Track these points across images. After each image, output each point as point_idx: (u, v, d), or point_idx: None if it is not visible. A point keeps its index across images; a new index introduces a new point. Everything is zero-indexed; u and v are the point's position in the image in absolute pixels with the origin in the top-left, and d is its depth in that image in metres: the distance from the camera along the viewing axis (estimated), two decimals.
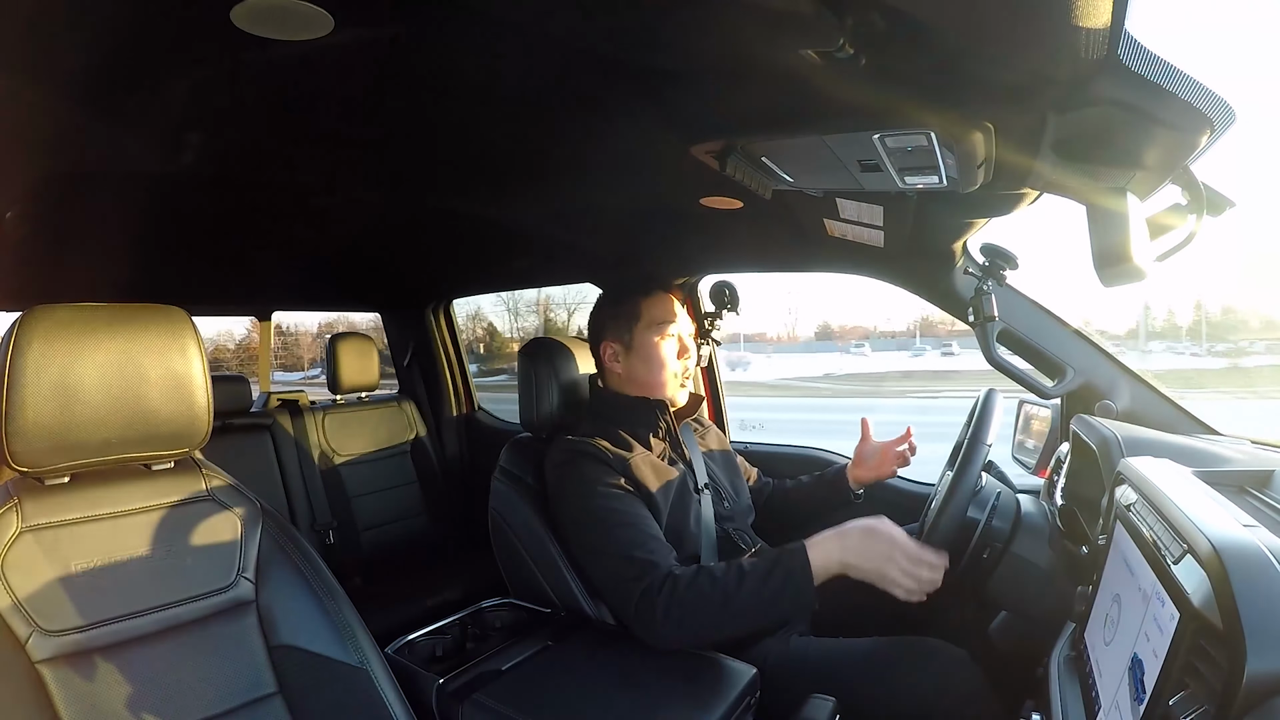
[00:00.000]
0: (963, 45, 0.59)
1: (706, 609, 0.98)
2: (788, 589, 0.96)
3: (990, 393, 1.05)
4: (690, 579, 1.00)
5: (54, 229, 1.43)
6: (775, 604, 0.97)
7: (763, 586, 0.96)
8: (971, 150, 0.76)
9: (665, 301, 1.28)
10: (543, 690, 0.95)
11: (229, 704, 0.81)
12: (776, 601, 0.97)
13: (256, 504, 0.91)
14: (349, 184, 1.31)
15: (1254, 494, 0.72)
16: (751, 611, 0.97)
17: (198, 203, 1.38)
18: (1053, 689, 0.72)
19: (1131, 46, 0.55)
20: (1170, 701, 0.47)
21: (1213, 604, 0.45)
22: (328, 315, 19.50)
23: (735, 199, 1.23)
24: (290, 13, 0.65)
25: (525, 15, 0.67)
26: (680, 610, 0.98)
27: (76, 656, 0.73)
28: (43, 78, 0.79)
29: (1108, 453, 0.92)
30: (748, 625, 1.01)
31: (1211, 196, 0.79)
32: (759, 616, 0.99)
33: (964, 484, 0.94)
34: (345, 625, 0.87)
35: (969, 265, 1.32)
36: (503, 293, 2.72)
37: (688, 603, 0.98)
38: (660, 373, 1.26)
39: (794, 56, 0.64)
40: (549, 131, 1.01)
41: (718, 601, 0.97)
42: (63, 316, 0.75)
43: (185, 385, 0.82)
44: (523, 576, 1.24)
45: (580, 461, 1.15)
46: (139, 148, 1.04)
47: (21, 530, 0.74)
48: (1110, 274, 0.77)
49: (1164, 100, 0.61)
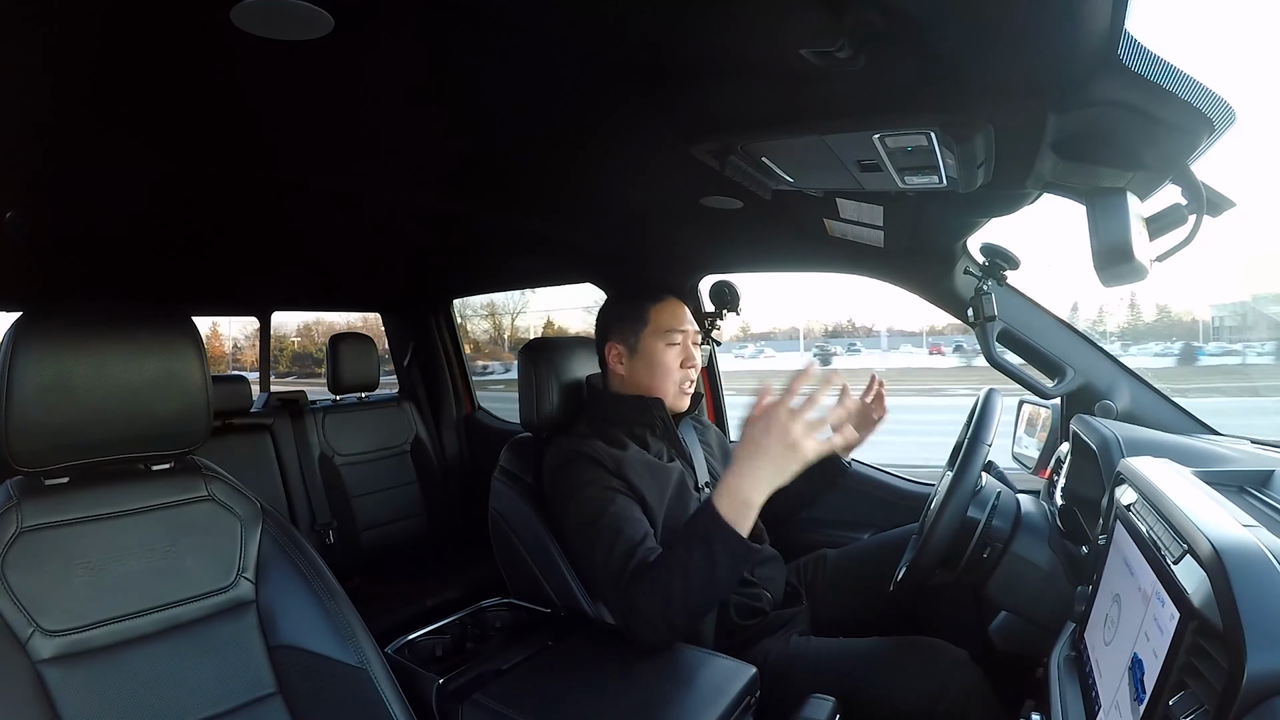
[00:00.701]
0: (963, 45, 0.59)
1: (669, 595, 0.94)
2: (719, 555, 0.91)
3: (990, 393, 1.05)
4: (648, 572, 0.96)
5: (54, 229, 1.43)
6: (719, 568, 0.92)
7: (696, 549, 0.92)
8: (971, 150, 0.76)
9: (675, 309, 1.28)
10: (543, 690, 0.95)
11: (229, 704, 0.81)
12: (718, 566, 0.92)
13: (256, 504, 0.91)
14: (349, 184, 1.31)
15: (1254, 494, 0.72)
16: (704, 585, 0.93)
17: (198, 203, 1.38)
18: (1053, 689, 0.72)
19: (1131, 46, 0.55)
20: (1170, 701, 0.47)
21: (1213, 604, 0.46)
22: (306, 316, 19.48)
23: (735, 199, 1.23)
24: (290, 13, 0.65)
25: (525, 15, 0.67)
26: (650, 603, 0.95)
27: (76, 656, 0.73)
28: (43, 78, 0.79)
29: (1108, 453, 0.92)
30: (709, 598, 0.97)
31: (1211, 196, 0.79)
32: (713, 585, 0.93)
33: (964, 484, 0.94)
34: (345, 625, 0.87)
35: (969, 265, 1.32)
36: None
37: (651, 594, 0.95)
38: (664, 380, 1.26)
39: (794, 56, 0.64)
40: (549, 132, 1.01)
41: (677, 585, 0.93)
42: (62, 317, 0.75)
43: (185, 385, 0.82)
44: (523, 576, 1.24)
45: (575, 462, 1.15)
46: (139, 148, 1.04)
47: (21, 530, 0.74)
48: (1110, 274, 0.77)
49: (1164, 100, 0.61)
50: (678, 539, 0.97)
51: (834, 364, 16.97)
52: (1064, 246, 1.20)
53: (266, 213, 1.51)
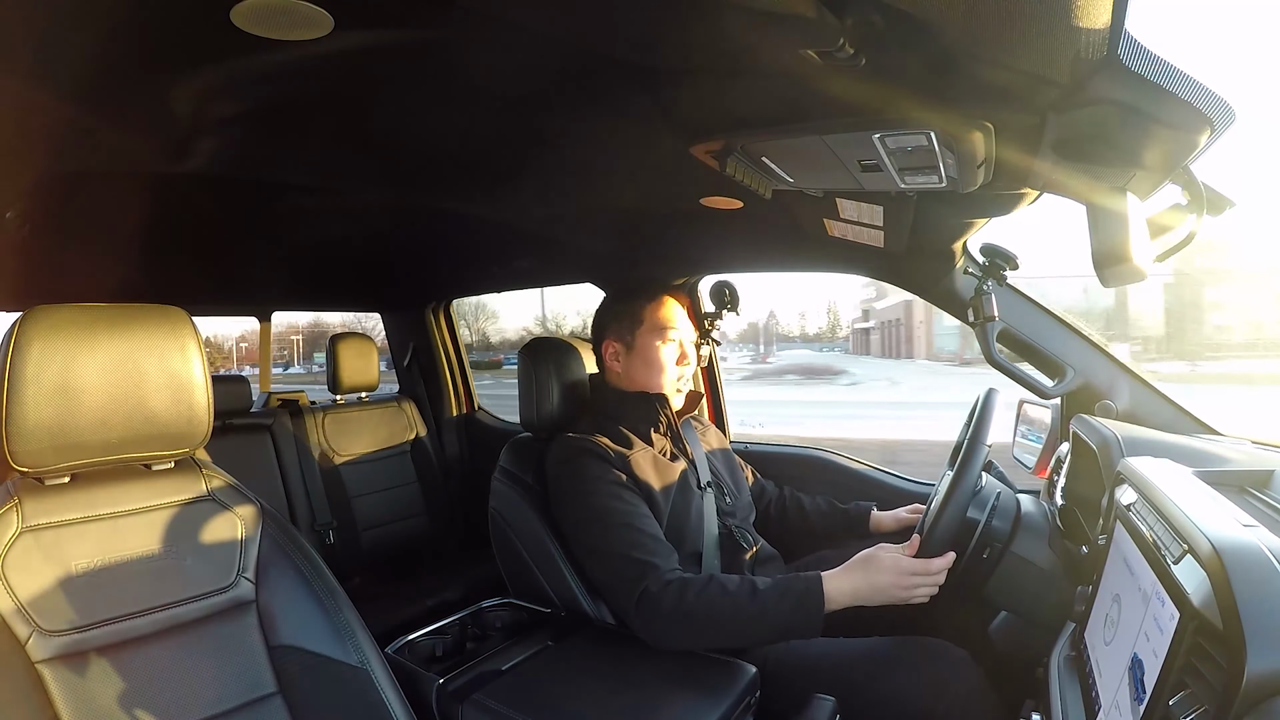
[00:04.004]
0: (963, 45, 0.59)
1: (714, 617, 1.00)
2: (798, 615, 0.99)
3: (990, 393, 1.05)
4: (703, 586, 1.02)
5: (54, 229, 1.43)
6: (781, 625, 1.00)
7: (774, 607, 1.00)
8: (971, 150, 0.76)
9: (669, 307, 1.30)
10: (543, 690, 0.95)
11: (229, 704, 0.81)
12: (783, 623, 1.00)
13: (257, 504, 0.91)
14: (349, 184, 1.31)
15: (1254, 494, 0.72)
16: (757, 627, 1.01)
17: (198, 203, 1.38)
18: (1053, 689, 0.73)
19: (1131, 46, 0.55)
20: (1170, 701, 0.47)
21: (1213, 604, 0.46)
22: (287, 315, 19.52)
23: (735, 199, 1.23)
24: (290, 13, 0.65)
25: (526, 15, 0.67)
26: (688, 613, 1.01)
27: (76, 656, 0.73)
28: (43, 78, 0.79)
29: (1108, 453, 0.92)
30: (750, 639, 1.05)
31: (1211, 196, 0.79)
32: (762, 633, 1.02)
33: (964, 484, 0.94)
34: (345, 625, 0.87)
35: (969, 265, 1.32)
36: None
37: (697, 608, 1.00)
38: (658, 376, 1.27)
39: (794, 56, 0.64)
40: (549, 132, 1.01)
41: (727, 612, 1.00)
42: (63, 316, 0.75)
43: (185, 385, 0.82)
44: (523, 576, 1.24)
45: (582, 459, 1.15)
46: (139, 148, 1.04)
47: (21, 530, 0.74)
48: (1110, 274, 0.77)
49: (1164, 100, 0.61)
50: (772, 582, 1.03)
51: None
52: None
53: (266, 213, 1.51)
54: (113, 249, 1.65)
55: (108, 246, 1.62)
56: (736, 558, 1.24)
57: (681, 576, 1.05)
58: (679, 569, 1.08)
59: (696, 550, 1.19)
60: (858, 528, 1.44)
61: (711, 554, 1.20)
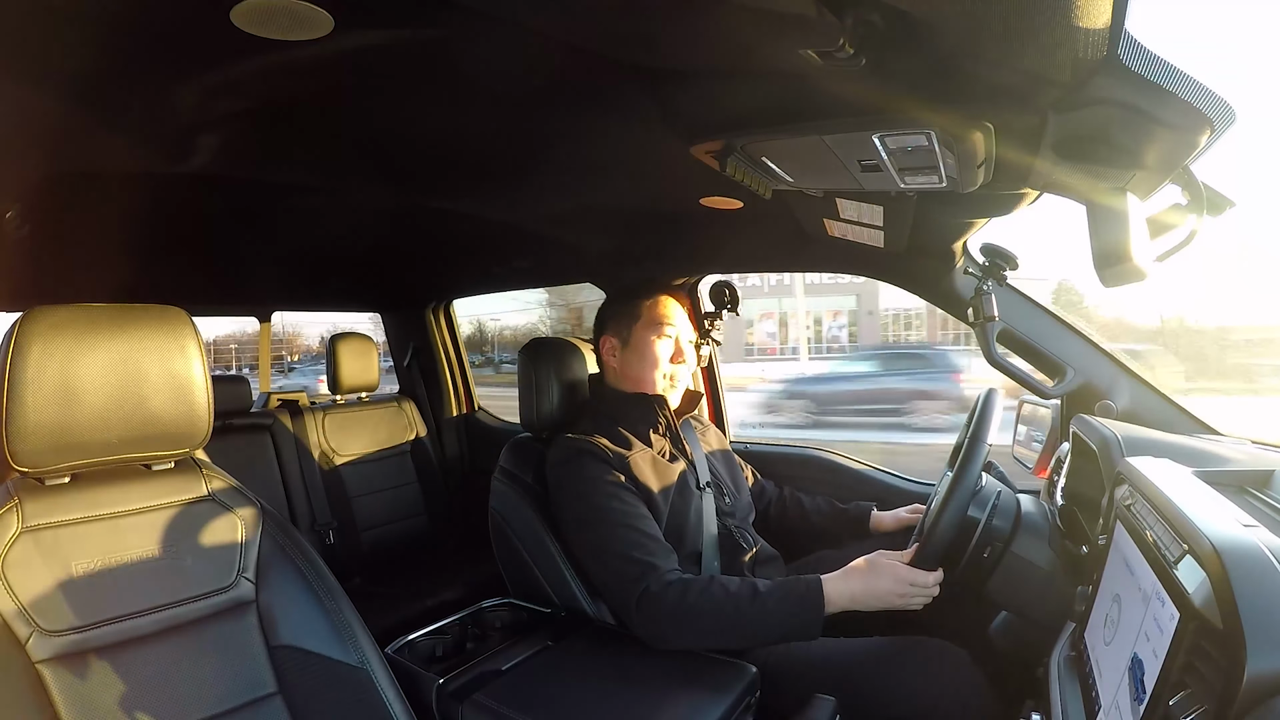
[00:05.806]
0: (963, 45, 0.59)
1: (715, 618, 1.01)
2: (798, 617, 1.01)
3: (990, 392, 1.05)
4: (704, 586, 1.03)
5: (54, 229, 1.43)
6: (781, 627, 1.02)
7: (774, 609, 1.01)
8: (971, 150, 0.76)
9: (667, 304, 1.31)
10: (543, 690, 0.95)
11: (229, 704, 0.81)
12: (783, 626, 1.01)
13: (257, 504, 0.91)
14: (349, 184, 1.31)
15: (1254, 494, 0.72)
16: (757, 629, 1.02)
17: (198, 203, 1.38)
18: (1053, 689, 0.72)
19: (1131, 46, 0.55)
20: (1170, 701, 0.47)
21: (1213, 604, 0.46)
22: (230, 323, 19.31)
23: (735, 199, 1.23)
24: (290, 13, 0.65)
25: (525, 15, 0.67)
26: (689, 614, 1.01)
27: (76, 657, 0.73)
28: (42, 78, 0.79)
29: (1108, 453, 0.92)
30: (750, 641, 1.05)
31: (1211, 196, 0.79)
32: (762, 635, 1.03)
33: (964, 484, 0.94)
34: (345, 625, 0.87)
35: (969, 265, 1.32)
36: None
37: (698, 608, 1.01)
38: (651, 370, 1.28)
39: (794, 56, 0.64)
40: (549, 132, 1.01)
41: (728, 613, 1.01)
42: (63, 317, 0.75)
43: (185, 385, 0.82)
44: (523, 576, 1.24)
45: (581, 459, 1.15)
46: (139, 148, 1.04)
47: (22, 530, 0.74)
48: (1110, 274, 0.77)
49: (1164, 100, 0.61)
50: (773, 584, 1.04)
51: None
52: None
53: (266, 213, 1.51)
54: (113, 249, 1.64)
55: (108, 246, 1.62)
56: (736, 558, 1.24)
57: (682, 577, 1.05)
58: (679, 569, 1.08)
59: (696, 550, 1.19)
60: (858, 528, 1.44)
61: (711, 554, 1.20)
